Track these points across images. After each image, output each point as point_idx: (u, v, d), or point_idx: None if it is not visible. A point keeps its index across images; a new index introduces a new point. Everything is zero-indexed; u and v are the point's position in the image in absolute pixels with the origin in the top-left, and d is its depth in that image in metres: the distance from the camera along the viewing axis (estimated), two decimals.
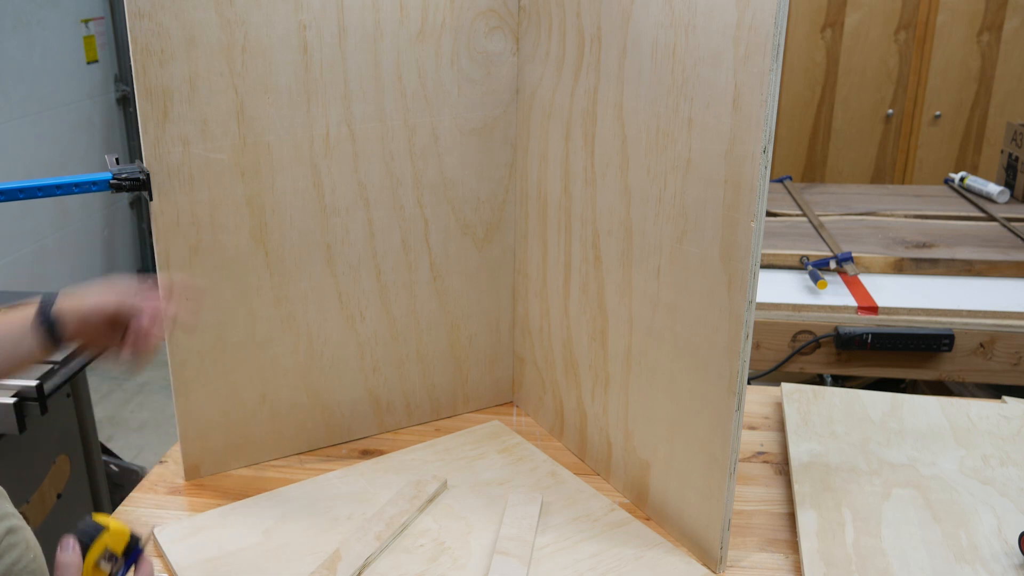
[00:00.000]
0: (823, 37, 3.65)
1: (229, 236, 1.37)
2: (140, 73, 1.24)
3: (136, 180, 1.28)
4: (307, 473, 1.48)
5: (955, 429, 1.56)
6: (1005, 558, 1.21)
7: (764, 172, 1.07)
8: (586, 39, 1.33)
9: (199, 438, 1.44)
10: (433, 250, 1.55)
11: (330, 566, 1.21)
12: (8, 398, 1.79)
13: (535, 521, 1.32)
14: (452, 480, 1.44)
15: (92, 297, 1.12)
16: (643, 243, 1.29)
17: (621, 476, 1.43)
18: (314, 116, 1.37)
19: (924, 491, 1.37)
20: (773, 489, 1.44)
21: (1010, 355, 1.97)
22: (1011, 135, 2.89)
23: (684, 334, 1.24)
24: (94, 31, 4.11)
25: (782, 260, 2.27)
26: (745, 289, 1.12)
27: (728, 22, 1.07)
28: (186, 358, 1.39)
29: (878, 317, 2.01)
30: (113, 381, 3.89)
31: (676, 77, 1.17)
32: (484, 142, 1.53)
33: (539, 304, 1.58)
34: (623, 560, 1.26)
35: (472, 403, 1.70)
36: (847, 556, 1.22)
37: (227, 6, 1.27)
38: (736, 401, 1.17)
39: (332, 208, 1.43)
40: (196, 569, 1.23)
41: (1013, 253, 2.28)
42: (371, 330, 1.53)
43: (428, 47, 1.43)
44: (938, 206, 2.72)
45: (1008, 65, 3.61)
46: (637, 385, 1.36)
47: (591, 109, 1.34)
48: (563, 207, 1.46)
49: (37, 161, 3.73)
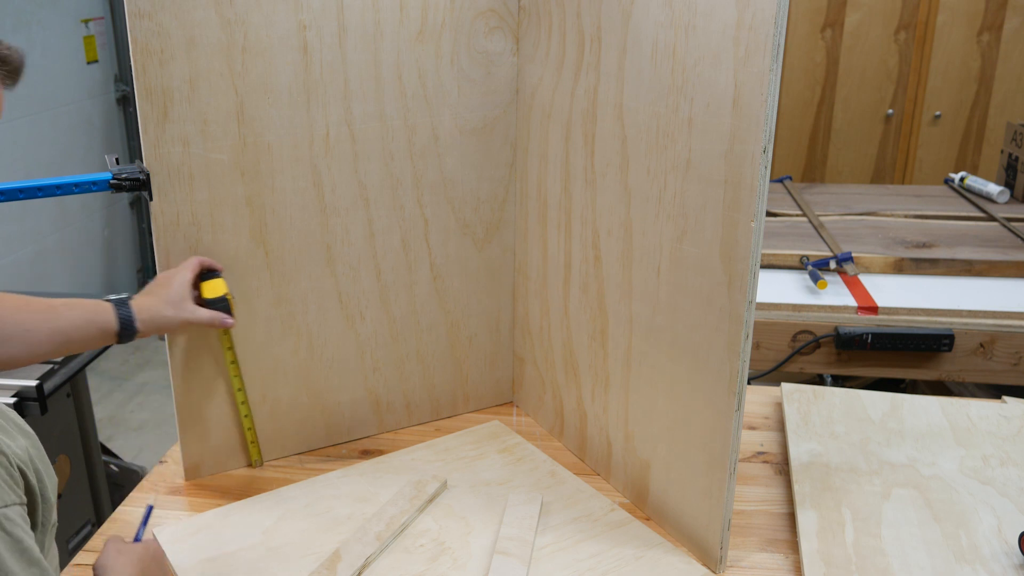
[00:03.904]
0: (823, 37, 3.65)
1: (229, 236, 1.37)
2: (140, 73, 1.24)
3: (136, 180, 1.28)
4: (307, 473, 1.48)
5: (955, 429, 1.56)
6: (1005, 558, 1.21)
7: (764, 172, 1.07)
8: (586, 39, 1.33)
9: (199, 438, 1.44)
10: (433, 250, 1.55)
11: (330, 566, 1.21)
12: (8, 398, 1.79)
13: (535, 521, 1.32)
14: (452, 480, 1.44)
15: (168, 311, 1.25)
16: (643, 243, 1.29)
17: (621, 476, 1.43)
18: (314, 116, 1.37)
19: (924, 491, 1.37)
20: (773, 489, 1.44)
21: (1010, 355, 1.97)
22: (1011, 135, 2.89)
23: (684, 334, 1.24)
24: (94, 31, 4.11)
25: (782, 260, 2.27)
26: (745, 289, 1.12)
27: (728, 22, 1.07)
28: (186, 358, 1.39)
29: (878, 317, 2.01)
30: (113, 381, 3.89)
31: (676, 77, 1.17)
32: (484, 142, 1.53)
33: (539, 304, 1.58)
34: (623, 560, 1.26)
35: (472, 403, 1.70)
36: (847, 556, 1.22)
37: (227, 6, 1.27)
38: (736, 401, 1.17)
39: (332, 208, 1.43)
40: (196, 569, 1.23)
41: (1013, 253, 2.28)
42: (371, 330, 1.53)
43: (428, 47, 1.43)
44: (938, 206, 2.72)
45: (1008, 65, 3.62)
46: (637, 385, 1.36)
47: (591, 109, 1.34)
48: (563, 207, 1.46)
49: (37, 161, 3.73)
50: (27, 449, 0.93)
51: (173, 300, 1.26)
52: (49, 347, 1.16)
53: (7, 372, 1.94)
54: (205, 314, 1.30)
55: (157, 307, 1.25)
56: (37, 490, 0.92)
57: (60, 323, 1.16)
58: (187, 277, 1.29)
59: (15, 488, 0.87)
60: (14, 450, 0.90)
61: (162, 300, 1.26)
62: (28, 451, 0.93)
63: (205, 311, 1.30)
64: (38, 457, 0.95)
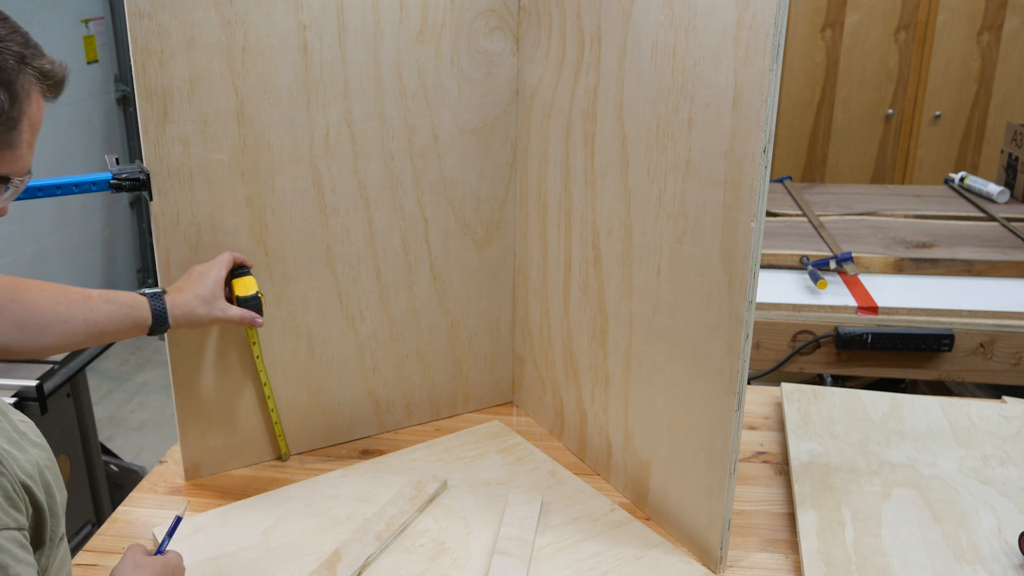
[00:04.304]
0: (823, 37, 3.65)
1: (229, 236, 1.37)
2: (140, 73, 1.24)
3: (136, 180, 1.28)
4: (307, 473, 1.48)
5: (955, 429, 1.56)
6: (1005, 558, 1.21)
7: (764, 172, 1.07)
8: (586, 39, 1.33)
9: (199, 438, 1.44)
10: (433, 250, 1.55)
11: (330, 566, 1.21)
12: (8, 398, 1.79)
13: (535, 521, 1.32)
14: (452, 480, 1.44)
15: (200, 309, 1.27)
16: (643, 243, 1.29)
17: (621, 476, 1.43)
18: (314, 116, 1.37)
19: (924, 491, 1.37)
20: (773, 489, 1.44)
21: (1010, 355, 1.97)
22: (1011, 135, 2.89)
23: (684, 334, 1.24)
24: (94, 31, 4.11)
25: (782, 260, 2.27)
26: (745, 289, 1.12)
27: (728, 22, 1.07)
28: (186, 358, 1.39)
29: (878, 317, 2.01)
30: (113, 381, 3.89)
31: (676, 77, 1.17)
32: (484, 142, 1.53)
33: (539, 304, 1.58)
34: (623, 560, 1.26)
35: (472, 403, 1.70)
36: (847, 556, 1.22)
37: (227, 6, 1.27)
38: (736, 401, 1.17)
39: (332, 208, 1.43)
40: (196, 569, 1.22)
41: (1013, 253, 2.28)
42: (371, 330, 1.53)
43: (428, 47, 1.43)
44: (938, 206, 2.72)
45: (1008, 65, 3.61)
46: (637, 385, 1.36)
47: (591, 109, 1.34)
48: (563, 207, 1.46)
49: (37, 161, 3.70)
50: (37, 462, 0.91)
51: (206, 297, 1.28)
52: (84, 338, 1.19)
53: (7, 372, 1.94)
54: (236, 312, 1.31)
55: (190, 304, 1.27)
56: (45, 505, 0.91)
57: (95, 315, 1.19)
58: (221, 274, 1.30)
59: (13, 512, 0.85)
60: (23, 465, 0.88)
61: (195, 296, 1.27)
62: (38, 464, 0.91)
63: (236, 309, 1.31)
64: (49, 469, 0.93)
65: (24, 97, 0.86)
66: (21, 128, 0.87)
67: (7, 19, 0.88)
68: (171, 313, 1.25)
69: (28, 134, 0.88)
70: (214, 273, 1.30)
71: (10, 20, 0.88)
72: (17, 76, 0.85)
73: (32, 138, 0.90)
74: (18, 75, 0.85)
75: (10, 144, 0.86)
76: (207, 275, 1.30)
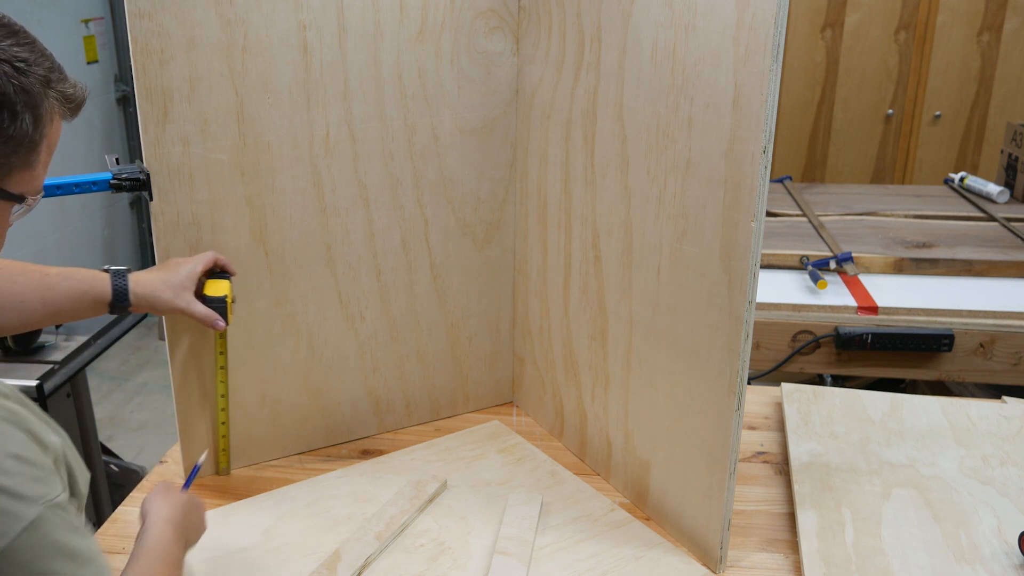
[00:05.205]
0: (823, 37, 3.65)
1: (229, 236, 1.37)
2: (140, 73, 1.24)
3: (136, 180, 1.28)
4: (307, 473, 1.48)
5: (955, 429, 1.56)
6: (1005, 558, 1.21)
7: (764, 172, 1.07)
8: (586, 39, 1.33)
9: (199, 438, 1.44)
10: (433, 250, 1.55)
11: (330, 566, 1.21)
12: None
13: (535, 521, 1.32)
14: (452, 480, 1.44)
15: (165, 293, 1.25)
16: (643, 243, 1.29)
17: (621, 476, 1.43)
18: (314, 116, 1.37)
19: (924, 491, 1.37)
20: (773, 489, 1.44)
21: (1010, 355, 1.97)
22: (1011, 135, 2.89)
23: (684, 334, 1.24)
24: (94, 31, 4.11)
25: (782, 260, 2.27)
26: (745, 289, 1.12)
27: (728, 22, 1.07)
28: (186, 358, 1.39)
29: (878, 317, 2.01)
30: (113, 381, 3.89)
31: (676, 77, 1.17)
32: (484, 142, 1.53)
33: (539, 304, 1.58)
34: (623, 560, 1.26)
35: (472, 403, 1.70)
36: (847, 556, 1.22)
37: (227, 6, 1.27)
38: (736, 401, 1.17)
39: (332, 208, 1.43)
40: (196, 569, 1.23)
41: (1013, 253, 2.27)
42: (371, 330, 1.53)
43: (428, 47, 1.43)
44: (938, 206, 2.72)
45: (1008, 65, 3.61)
46: (637, 385, 1.36)
47: (591, 109, 1.34)
48: (563, 207, 1.46)
49: None
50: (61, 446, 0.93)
51: (173, 284, 1.26)
52: (40, 318, 1.19)
53: (7, 372, 1.94)
54: (200, 309, 1.29)
55: (155, 286, 1.25)
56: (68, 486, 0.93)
57: (52, 294, 1.19)
58: (197, 268, 1.29)
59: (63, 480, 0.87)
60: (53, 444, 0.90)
61: (162, 281, 1.26)
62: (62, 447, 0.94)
63: (200, 306, 1.29)
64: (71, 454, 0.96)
65: (47, 121, 0.88)
66: (40, 150, 0.89)
67: (35, 42, 0.89)
68: (133, 291, 1.23)
69: (45, 155, 0.90)
70: (189, 266, 1.29)
71: (37, 43, 0.90)
72: (43, 100, 0.87)
73: (48, 158, 0.92)
74: (43, 99, 0.87)
75: (29, 165, 0.88)
76: (182, 266, 1.29)
